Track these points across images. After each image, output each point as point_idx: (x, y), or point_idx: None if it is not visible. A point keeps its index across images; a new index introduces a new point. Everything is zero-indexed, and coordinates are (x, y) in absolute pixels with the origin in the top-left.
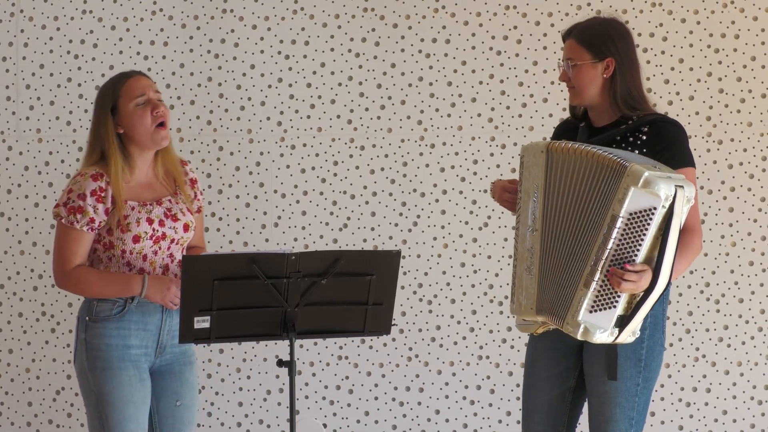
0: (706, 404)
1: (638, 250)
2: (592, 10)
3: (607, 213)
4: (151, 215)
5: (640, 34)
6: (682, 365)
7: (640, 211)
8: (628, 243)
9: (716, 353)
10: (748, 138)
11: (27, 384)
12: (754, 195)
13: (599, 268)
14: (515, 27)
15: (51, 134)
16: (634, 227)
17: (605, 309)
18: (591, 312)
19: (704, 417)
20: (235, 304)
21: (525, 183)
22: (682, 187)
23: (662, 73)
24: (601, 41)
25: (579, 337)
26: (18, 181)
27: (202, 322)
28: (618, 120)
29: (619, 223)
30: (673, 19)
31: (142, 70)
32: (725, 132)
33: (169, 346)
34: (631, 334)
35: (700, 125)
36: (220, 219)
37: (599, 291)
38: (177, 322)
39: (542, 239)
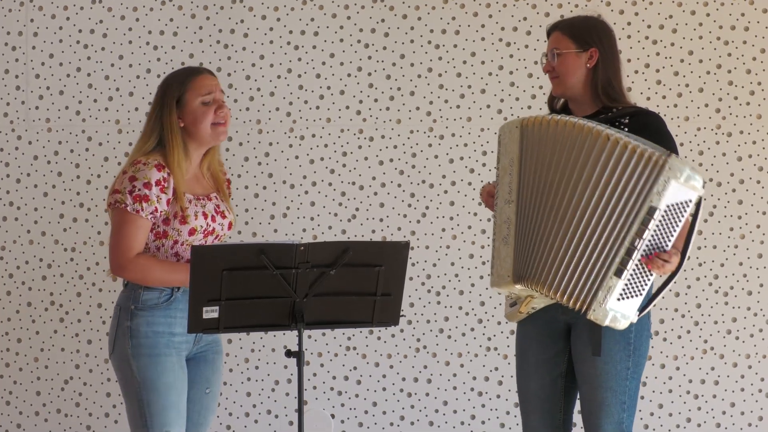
0: (714, 396)
1: (671, 239)
2: (602, 1)
3: (643, 204)
4: (205, 209)
5: (649, 26)
6: (691, 357)
7: (678, 203)
8: (662, 233)
9: (724, 346)
10: (758, 130)
11: (35, 373)
12: (763, 187)
13: (632, 258)
14: (524, 18)
15: (60, 124)
16: (670, 218)
17: (633, 297)
18: (619, 300)
19: (712, 409)
20: (244, 295)
21: (502, 159)
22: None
23: (671, 65)
24: (586, 32)
25: (606, 324)
26: (27, 171)
27: (210, 312)
28: (599, 110)
29: (656, 215)
30: (683, 11)
31: (150, 60)
32: (734, 124)
33: (205, 335)
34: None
35: (710, 117)
36: None
37: (630, 280)
38: None
39: (518, 209)
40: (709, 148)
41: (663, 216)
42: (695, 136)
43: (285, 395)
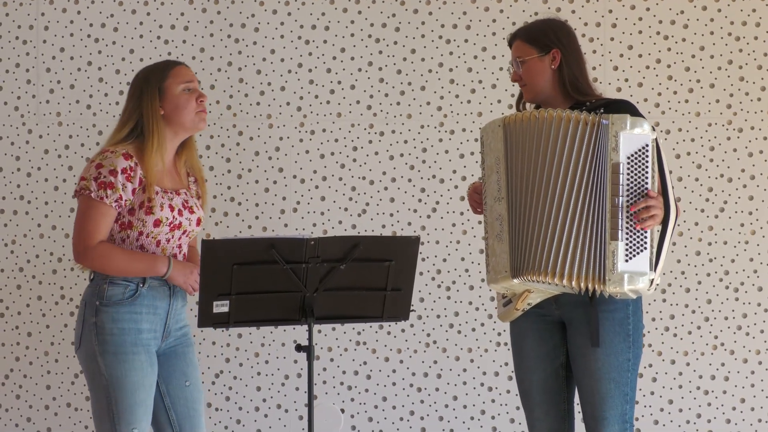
0: (725, 392)
1: (646, 186)
2: None
3: (605, 164)
4: (172, 203)
5: (661, 22)
6: (701, 353)
7: (636, 152)
8: (635, 184)
9: (735, 341)
10: None
11: (45, 367)
12: None
13: (620, 217)
14: (536, 13)
15: (71, 118)
16: (635, 168)
17: (639, 252)
18: (628, 260)
19: (722, 405)
20: (254, 289)
21: (487, 159)
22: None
23: (683, 61)
24: (544, 35)
25: (626, 288)
26: (38, 165)
27: (221, 307)
28: (572, 107)
29: (622, 170)
30: (694, 6)
31: (160, 54)
32: (745, 120)
33: (174, 329)
34: (658, 278)
35: (721, 113)
36: (240, 204)
37: (628, 237)
38: (181, 305)
39: (509, 205)
40: (720, 144)
41: (628, 169)
42: (706, 131)
43: (295, 390)
